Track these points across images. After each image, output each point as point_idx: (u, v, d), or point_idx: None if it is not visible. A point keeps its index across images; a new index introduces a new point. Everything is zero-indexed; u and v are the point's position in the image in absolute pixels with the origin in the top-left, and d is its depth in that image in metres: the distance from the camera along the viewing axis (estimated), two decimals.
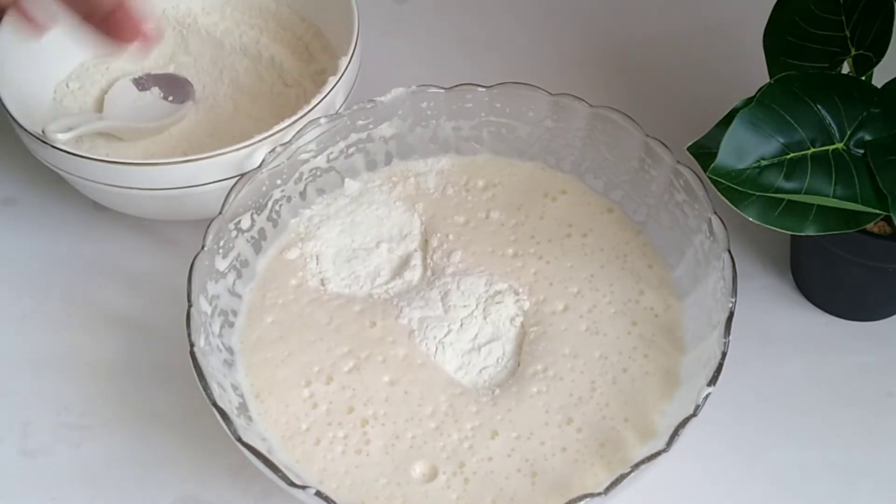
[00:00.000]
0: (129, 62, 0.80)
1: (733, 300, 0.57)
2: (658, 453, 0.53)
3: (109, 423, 0.66)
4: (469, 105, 0.68)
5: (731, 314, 0.57)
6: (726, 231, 0.59)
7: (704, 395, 0.54)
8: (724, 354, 0.55)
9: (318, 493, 0.52)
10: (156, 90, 0.78)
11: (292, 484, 0.52)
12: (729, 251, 0.59)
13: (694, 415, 0.53)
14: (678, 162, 0.63)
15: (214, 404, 0.54)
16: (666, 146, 0.63)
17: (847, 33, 0.63)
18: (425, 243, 0.67)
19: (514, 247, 0.66)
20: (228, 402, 0.57)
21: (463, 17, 0.88)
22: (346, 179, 0.69)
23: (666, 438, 0.53)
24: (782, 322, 0.69)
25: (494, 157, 0.70)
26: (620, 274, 0.65)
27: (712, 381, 0.54)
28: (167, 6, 0.82)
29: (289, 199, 0.66)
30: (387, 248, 0.67)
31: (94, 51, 0.65)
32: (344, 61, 0.70)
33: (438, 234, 0.67)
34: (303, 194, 0.67)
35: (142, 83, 0.79)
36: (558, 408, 0.59)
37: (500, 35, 0.87)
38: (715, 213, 0.60)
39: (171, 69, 0.80)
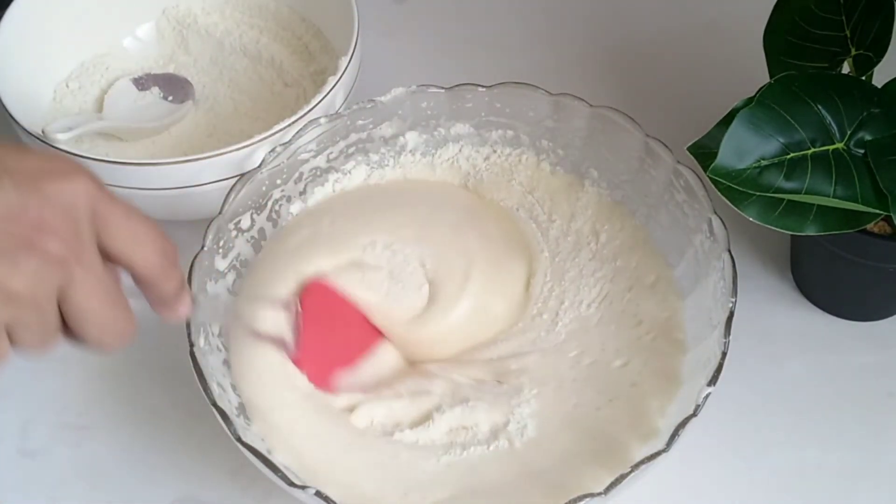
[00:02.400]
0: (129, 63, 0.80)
1: (733, 300, 0.57)
2: (658, 453, 0.53)
3: (109, 423, 0.66)
4: (469, 105, 0.68)
5: (732, 314, 0.56)
6: (726, 231, 0.59)
7: (704, 395, 0.54)
8: (724, 354, 0.55)
9: (318, 493, 0.52)
10: (155, 90, 0.79)
11: (292, 484, 0.52)
12: (729, 251, 0.59)
13: (694, 415, 0.53)
14: (678, 162, 0.63)
15: (214, 404, 0.54)
16: (666, 146, 0.63)
17: (847, 33, 0.63)
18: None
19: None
20: (228, 402, 0.57)
21: (463, 17, 0.88)
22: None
23: (666, 438, 0.53)
24: (782, 322, 0.69)
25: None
26: (623, 276, 0.64)
27: (712, 381, 0.54)
28: (167, 6, 0.82)
29: (289, 198, 0.66)
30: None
31: None
32: (344, 61, 0.70)
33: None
34: (303, 194, 0.67)
35: (141, 83, 0.79)
36: (551, 413, 0.60)
37: (500, 35, 0.87)
38: (715, 212, 0.60)
39: (170, 69, 0.81)
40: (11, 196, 0.42)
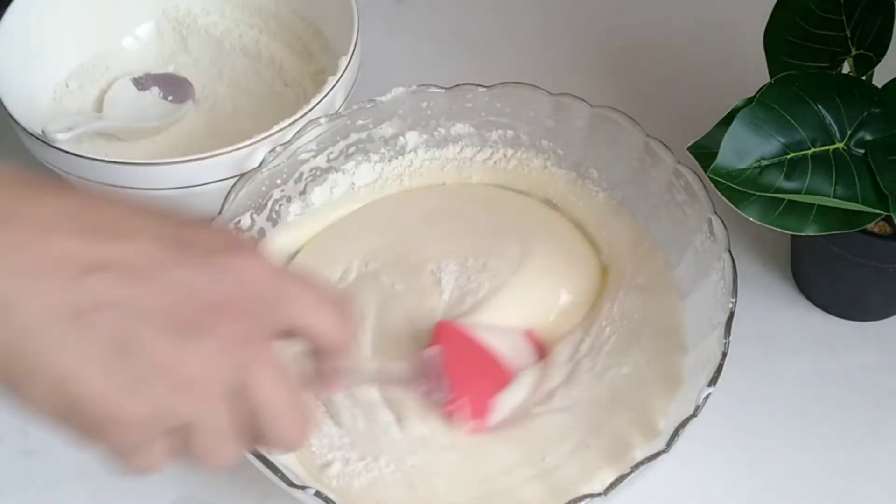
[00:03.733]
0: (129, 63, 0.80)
1: (733, 300, 0.57)
2: (658, 454, 0.53)
3: None
4: (469, 105, 0.68)
5: (732, 314, 0.56)
6: (726, 231, 0.59)
7: (704, 395, 0.54)
8: (724, 355, 0.55)
9: (318, 494, 0.52)
10: (155, 90, 0.78)
11: (292, 484, 0.52)
12: (729, 251, 0.58)
13: (694, 415, 0.53)
14: (678, 162, 0.63)
15: None
16: (666, 146, 0.63)
17: (847, 33, 0.63)
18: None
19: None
20: None
21: (463, 17, 0.88)
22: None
23: (666, 439, 0.53)
24: (782, 322, 0.69)
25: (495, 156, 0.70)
26: (623, 276, 0.64)
27: (712, 381, 0.54)
28: (167, 6, 0.82)
29: (289, 198, 0.66)
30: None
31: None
32: (344, 61, 0.70)
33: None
34: (303, 194, 0.67)
35: (141, 83, 0.79)
36: (553, 413, 0.60)
37: (500, 35, 0.87)
38: (715, 213, 0.60)
39: (170, 69, 0.80)
40: (194, 270, 0.39)
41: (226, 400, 0.40)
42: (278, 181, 0.65)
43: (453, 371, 0.58)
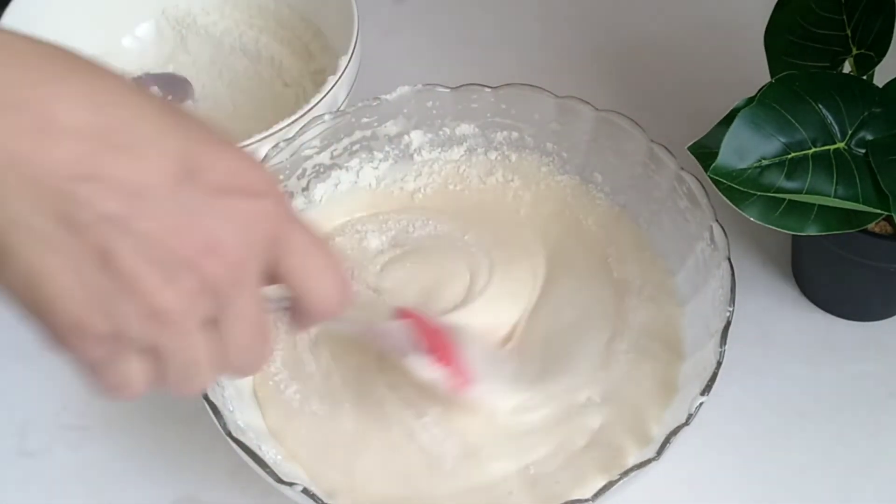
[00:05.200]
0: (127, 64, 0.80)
1: (730, 309, 0.56)
2: (649, 461, 0.52)
3: (109, 423, 0.66)
4: (475, 105, 0.68)
5: (728, 324, 0.56)
6: (727, 240, 0.59)
7: (697, 404, 0.53)
8: (719, 364, 0.55)
9: (305, 491, 0.51)
10: (155, 90, 0.78)
11: (280, 480, 0.52)
12: (729, 260, 0.58)
13: (686, 423, 0.53)
14: (682, 168, 0.62)
15: (205, 398, 0.54)
16: (670, 152, 0.63)
17: (848, 32, 0.63)
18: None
19: (528, 251, 0.66)
20: (221, 397, 0.57)
21: (463, 17, 0.88)
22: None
23: (657, 446, 0.53)
24: (783, 322, 0.69)
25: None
26: (624, 281, 0.64)
27: (706, 390, 0.54)
28: (167, 6, 0.82)
29: (291, 194, 0.66)
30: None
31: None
32: (343, 61, 0.70)
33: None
34: (305, 190, 0.67)
35: (141, 83, 0.79)
36: (544, 418, 0.59)
37: (499, 35, 0.87)
38: (717, 220, 0.60)
39: (170, 68, 0.80)
40: (195, 202, 0.38)
41: (200, 333, 0.39)
42: (281, 176, 0.65)
43: (427, 339, 0.58)
